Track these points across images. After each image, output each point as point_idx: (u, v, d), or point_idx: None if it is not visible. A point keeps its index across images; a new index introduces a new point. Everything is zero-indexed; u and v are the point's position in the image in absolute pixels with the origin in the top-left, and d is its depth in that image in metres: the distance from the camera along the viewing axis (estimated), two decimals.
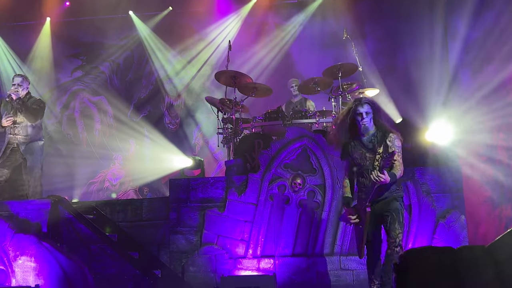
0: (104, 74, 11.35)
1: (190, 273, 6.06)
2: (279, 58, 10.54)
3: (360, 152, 4.62)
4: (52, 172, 10.36)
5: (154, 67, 11.15)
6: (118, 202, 6.97)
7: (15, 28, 11.31)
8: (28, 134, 6.61)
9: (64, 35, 11.32)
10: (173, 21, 11.10)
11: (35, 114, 6.60)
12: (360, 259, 5.80)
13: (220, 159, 10.58)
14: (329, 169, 6.12)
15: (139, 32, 11.13)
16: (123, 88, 11.29)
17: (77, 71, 11.42)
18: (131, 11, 11.04)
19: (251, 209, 6.17)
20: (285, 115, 7.37)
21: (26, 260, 5.44)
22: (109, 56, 11.29)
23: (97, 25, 11.02)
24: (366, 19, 10.19)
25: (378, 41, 9.99)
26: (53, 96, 11.34)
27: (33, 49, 11.25)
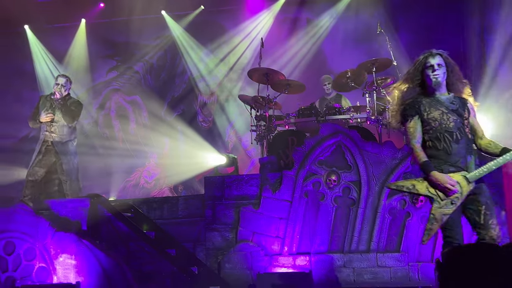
0: (138, 74, 11.50)
1: (226, 270, 6.10)
2: (312, 54, 10.48)
3: (439, 111, 3.93)
4: (89, 171, 10.57)
5: (187, 66, 11.24)
6: (154, 200, 7.06)
7: (52, 30, 11.56)
8: (63, 133, 6.77)
9: (99, 36, 11.51)
10: (205, 19, 11.16)
11: (73, 115, 6.76)
12: (398, 256, 5.81)
13: (253, 156, 10.61)
14: (364, 165, 6.06)
15: (172, 31, 11.23)
16: (157, 88, 11.42)
17: (112, 71, 11.60)
18: (163, 11, 11.15)
19: (286, 206, 6.16)
20: (318, 112, 7.34)
21: (66, 257, 5.55)
22: (143, 56, 11.44)
23: (131, 25, 11.17)
24: (399, 12, 10.05)
25: (412, 34, 9.83)
26: (89, 96, 11.55)
27: (69, 50, 11.48)
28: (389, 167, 6.01)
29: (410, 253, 5.88)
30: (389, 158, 6.04)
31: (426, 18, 9.88)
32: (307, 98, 8.42)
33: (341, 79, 7.62)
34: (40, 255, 5.65)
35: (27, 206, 5.88)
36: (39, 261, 5.65)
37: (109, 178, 10.98)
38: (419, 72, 4.03)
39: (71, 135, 6.89)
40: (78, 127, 11.21)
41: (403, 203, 5.98)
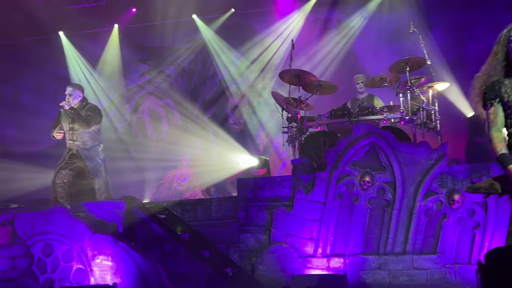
0: (170, 77, 11.62)
1: (260, 272, 6.09)
2: (343, 54, 10.42)
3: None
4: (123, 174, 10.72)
5: (218, 69, 11.31)
6: (188, 202, 7.11)
7: (85, 36, 11.78)
8: (85, 139, 6.86)
9: (131, 41, 11.69)
10: (235, 22, 11.21)
11: (88, 121, 6.81)
12: (434, 258, 5.71)
13: (284, 158, 10.59)
14: (399, 166, 5.98)
15: (203, 35, 11.32)
16: (188, 91, 11.52)
17: (145, 75, 11.76)
18: (194, 14, 11.24)
19: (319, 208, 6.13)
20: (351, 112, 7.27)
21: (103, 259, 5.64)
22: (174, 60, 11.56)
23: (163, 29, 11.31)
24: (431, 10, 9.90)
25: (445, 33, 9.68)
26: (122, 100, 11.74)
27: (103, 55, 11.68)
28: (425, 168, 5.92)
29: (447, 255, 5.77)
30: (424, 159, 5.95)
31: (459, 16, 9.72)
32: (339, 99, 8.37)
33: (375, 81, 7.54)
34: (77, 257, 5.75)
35: (64, 209, 6.00)
36: (76, 263, 5.76)
37: (143, 180, 11.13)
38: (503, 48, 3.45)
39: (95, 140, 6.96)
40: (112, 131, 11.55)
41: (439, 204, 5.88)
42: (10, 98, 12.20)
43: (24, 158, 10.99)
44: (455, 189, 5.84)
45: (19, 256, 5.81)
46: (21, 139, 11.75)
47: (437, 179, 5.92)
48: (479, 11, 9.44)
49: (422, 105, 7.23)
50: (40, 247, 5.85)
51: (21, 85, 12.17)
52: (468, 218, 5.80)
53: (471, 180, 5.83)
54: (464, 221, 5.81)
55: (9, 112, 12.09)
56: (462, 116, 8.79)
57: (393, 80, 7.44)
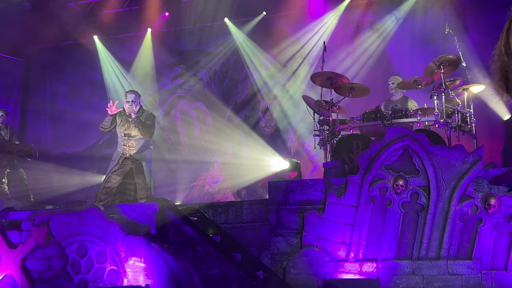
0: (202, 81, 11.73)
1: (291, 275, 6.06)
2: (376, 57, 10.33)
3: None
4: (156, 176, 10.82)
5: (249, 72, 11.35)
6: (220, 204, 7.13)
7: (119, 40, 12.01)
8: (141, 145, 6.97)
9: (164, 45, 11.84)
10: (267, 25, 11.24)
11: (150, 130, 6.94)
12: (470, 263, 5.58)
13: (315, 161, 10.54)
14: (433, 169, 5.87)
15: (235, 38, 11.38)
16: (220, 94, 11.60)
17: (177, 79, 11.90)
18: (226, 18, 11.30)
19: (351, 212, 6.06)
20: (384, 115, 7.18)
21: (136, 260, 5.71)
22: (206, 63, 11.66)
23: (195, 33, 11.43)
24: (467, 12, 9.72)
25: (481, 34, 9.49)
26: (155, 103, 11.88)
27: (136, 59, 11.86)
28: (460, 172, 5.79)
29: (483, 260, 5.64)
30: (459, 162, 5.82)
31: (496, 17, 9.51)
32: (372, 102, 8.28)
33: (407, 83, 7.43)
34: (111, 258, 5.83)
35: (98, 210, 6.08)
36: (110, 264, 5.84)
37: (175, 182, 11.24)
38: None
39: (147, 145, 7.11)
40: None
41: (475, 208, 5.75)
42: (47, 101, 12.49)
43: (60, 160, 11.24)
44: (491, 194, 5.70)
45: (54, 256, 5.93)
46: (57, 141, 12.03)
47: (473, 183, 5.79)
48: None
49: (457, 108, 7.08)
50: (74, 248, 5.96)
51: (57, 88, 12.47)
52: (504, 223, 5.65)
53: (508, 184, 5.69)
54: (500, 226, 5.67)
55: (46, 115, 12.40)
56: (498, 119, 8.59)
57: (427, 83, 7.31)
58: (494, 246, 5.66)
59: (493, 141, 8.30)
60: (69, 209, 6.79)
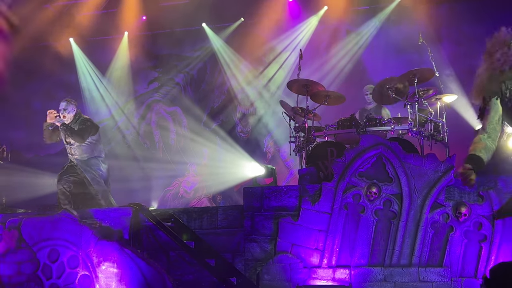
0: (178, 85, 11.70)
1: (265, 281, 6.07)
2: (351, 65, 10.45)
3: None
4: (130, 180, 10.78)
5: (226, 77, 11.37)
6: (194, 209, 7.11)
7: (95, 43, 11.90)
8: (82, 152, 6.93)
9: (141, 48, 11.78)
10: (244, 31, 11.28)
11: (80, 134, 6.84)
12: (440, 271, 5.67)
13: (291, 167, 10.60)
14: (406, 178, 5.96)
15: (212, 43, 11.39)
16: (196, 99, 11.58)
17: (154, 82, 11.85)
18: (204, 23, 11.31)
19: (325, 218, 6.11)
20: (358, 123, 7.27)
21: (109, 266, 5.65)
22: (183, 68, 11.64)
23: (172, 37, 11.40)
24: (442, 23, 9.92)
25: (455, 45, 9.69)
26: (131, 107, 11.81)
27: (112, 62, 11.77)
28: (432, 180, 5.89)
29: (453, 268, 5.73)
30: (431, 171, 5.93)
31: (470, 29, 9.71)
32: (347, 110, 8.37)
33: (382, 88, 7.52)
34: (83, 263, 5.77)
35: (71, 215, 6.02)
36: (82, 269, 5.78)
37: (150, 187, 11.17)
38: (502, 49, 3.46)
39: (92, 152, 7.00)
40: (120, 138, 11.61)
41: (446, 217, 5.85)
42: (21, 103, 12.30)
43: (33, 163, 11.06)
44: (462, 202, 5.81)
45: (25, 261, 5.84)
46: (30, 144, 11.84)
47: (444, 192, 5.89)
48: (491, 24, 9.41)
49: (429, 117, 7.21)
50: (46, 253, 5.88)
51: (32, 90, 12.27)
52: (474, 231, 5.76)
53: (479, 193, 5.81)
54: (470, 234, 5.78)
55: (20, 117, 12.20)
56: (470, 128, 8.76)
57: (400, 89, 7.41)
58: (464, 253, 5.77)
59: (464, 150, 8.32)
60: (41, 213, 6.71)
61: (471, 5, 9.78)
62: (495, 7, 9.45)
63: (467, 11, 9.84)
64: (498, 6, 9.44)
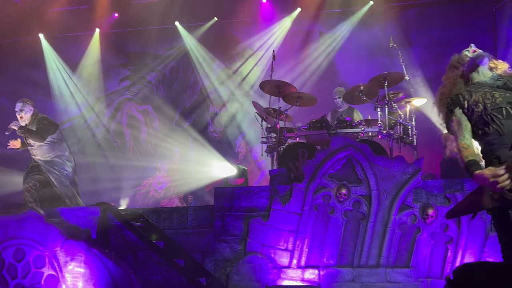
0: (150, 83, 11.59)
1: (234, 282, 6.07)
2: (324, 67, 10.51)
3: (482, 92, 3.35)
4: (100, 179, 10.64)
5: (199, 77, 11.31)
6: (164, 209, 7.06)
7: (65, 39, 11.71)
8: (44, 153, 6.83)
9: (113, 46, 11.63)
10: (218, 31, 11.25)
11: (39, 134, 6.74)
12: (407, 271, 5.76)
13: (263, 168, 10.61)
14: (375, 179, 6.03)
15: (185, 42, 11.32)
16: (168, 98, 11.49)
17: (125, 80, 11.71)
18: (177, 22, 11.24)
19: (295, 219, 6.14)
20: (329, 125, 7.33)
21: (76, 266, 5.57)
22: (155, 66, 11.54)
23: (144, 35, 11.29)
24: (412, 27, 10.07)
25: (425, 49, 9.84)
26: (101, 105, 11.66)
27: (83, 59, 11.60)
28: (400, 182, 5.98)
29: (419, 268, 5.83)
30: (400, 173, 6.01)
31: (439, 34, 9.88)
32: (319, 111, 8.42)
33: (353, 93, 7.61)
34: (49, 263, 5.68)
35: (38, 214, 5.92)
36: (48, 269, 5.68)
37: (119, 187, 11.04)
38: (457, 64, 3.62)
39: (55, 151, 6.89)
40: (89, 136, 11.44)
41: (414, 218, 5.94)
42: None
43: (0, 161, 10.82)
44: (429, 204, 5.91)
45: None
46: None
47: (412, 194, 5.98)
48: (459, 29, 9.61)
49: (399, 120, 7.32)
50: (11, 252, 5.77)
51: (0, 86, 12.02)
52: (441, 233, 5.86)
53: (445, 195, 5.91)
54: (437, 235, 5.88)
55: None
56: (438, 132, 8.91)
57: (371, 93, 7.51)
58: (431, 255, 5.87)
59: (432, 153, 8.59)
60: (7, 212, 6.58)
61: (439, 10, 9.95)
62: (462, 12, 9.64)
63: (435, 15, 10.01)
64: (465, 11, 9.62)
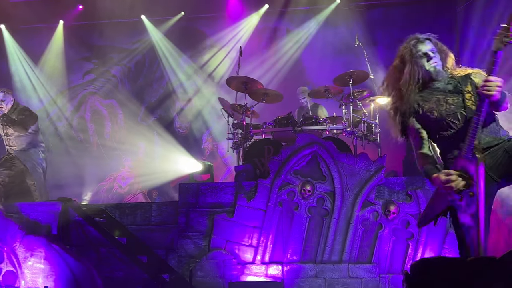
0: (115, 77, 11.42)
1: (198, 278, 6.06)
2: (290, 64, 10.55)
3: (435, 99, 3.32)
4: (62, 174, 10.43)
5: (165, 72, 11.21)
6: (127, 205, 6.98)
7: (28, 31, 11.42)
8: (21, 143, 6.73)
9: (77, 38, 11.41)
10: (185, 26, 11.15)
11: (22, 124, 6.67)
12: (369, 267, 5.85)
13: (229, 164, 10.60)
14: (339, 176, 6.10)
15: (151, 36, 11.19)
16: (134, 92, 11.34)
17: (89, 74, 11.50)
18: (143, 15, 11.10)
19: (260, 215, 6.16)
20: (295, 122, 7.37)
21: (35, 262, 5.47)
22: (120, 60, 11.37)
23: (110, 29, 11.09)
24: (377, 27, 10.20)
25: (389, 49, 9.96)
26: (64, 98, 11.43)
27: (46, 52, 11.34)
28: (363, 179, 6.06)
29: (381, 264, 5.93)
30: (363, 170, 6.10)
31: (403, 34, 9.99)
32: (285, 108, 8.45)
33: (319, 90, 7.69)
34: (8, 259, 5.56)
35: None
36: (6, 265, 5.57)
37: (82, 182, 10.85)
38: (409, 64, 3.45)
39: (32, 142, 6.84)
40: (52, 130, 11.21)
41: (376, 215, 6.03)
42: None
43: None
44: (391, 201, 6.01)
45: None
46: None
47: (375, 190, 6.07)
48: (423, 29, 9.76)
49: (363, 118, 7.42)
50: None
51: None
52: (402, 229, 5.98)
53: (407, 192, 6.03)
54: (398, 232, 5.99)
55: None
56: None
57: (337, 92, 7.60)
58: (392, 251, 5.97)
59: (395, 151, 8.72)
60: None
61: (403, 10, 10.10)
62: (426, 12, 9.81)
63: (398, 16, 10.16)
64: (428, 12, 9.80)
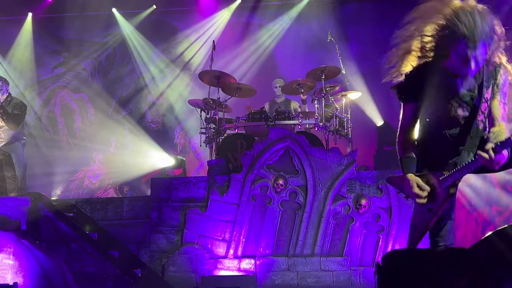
0: (85, 71, 11.24)
1: (170, 273, 6.04)
2: (263, 59, 10.56)
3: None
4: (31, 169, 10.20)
5: (136, 65, 11.09)
6: (98, 200, 6.91)
7: None
8: (9, 136, 6.60)
9: (46, 31, 11.20)
10: (156, 19, 11.05)
11: (17, 120, 6.55)
12: (340, 260, 5.92)
13: (202, 159, 10.57)
14: (311, 170, 6.15)
15: (122, 29, 11.05)
16: (105, 86, 11.19)
17: (58, 67, 11.30)
18: (114, 8, 10.95)
19: (233, 209, 6.17)
20: (268, 116, 7.39)
21: (4, 257, 5.38)
22: (91, 53, 11.20)
23: (80, 21, 10.92)
24: (349, 23, 10.29)
25: (361, 45, 10.08)
26: (33, 92, 11.21)
27: (14, 44, 11.11)
28: (335, 173, 6.13)
29: (352, 257, 6.00)
30: (335, 164, 6.16)
31: (374, 30, 10.14)
32: (258, 102, 8.47)
33: (291, 85, 7.72)
34: None
35: None
36: None
37: (52, 177, 10.67)
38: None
39: (18, 135, 6.74)
40: None
41: (347, 208, 6.10)
42: None
43: None
44: (362, 194, 6.09)
45: None
46: None
47: (346, 184, 6.15)
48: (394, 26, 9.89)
49: (335, 113, 7.49)
50: None
51: None
52: (373, 223, 6.06)
53: (378, 186, 6.12)
54: (369, 225, 6.07)
55: None
56: (373, 125, 9.18)
57: (309, 87, 7.65)
58: (363, 244, 6.06)
59: (367, 145, 8.85)
60: None
61: (375, 6, 10.19)
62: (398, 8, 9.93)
63: (371, 11, 10.24)
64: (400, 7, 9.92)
